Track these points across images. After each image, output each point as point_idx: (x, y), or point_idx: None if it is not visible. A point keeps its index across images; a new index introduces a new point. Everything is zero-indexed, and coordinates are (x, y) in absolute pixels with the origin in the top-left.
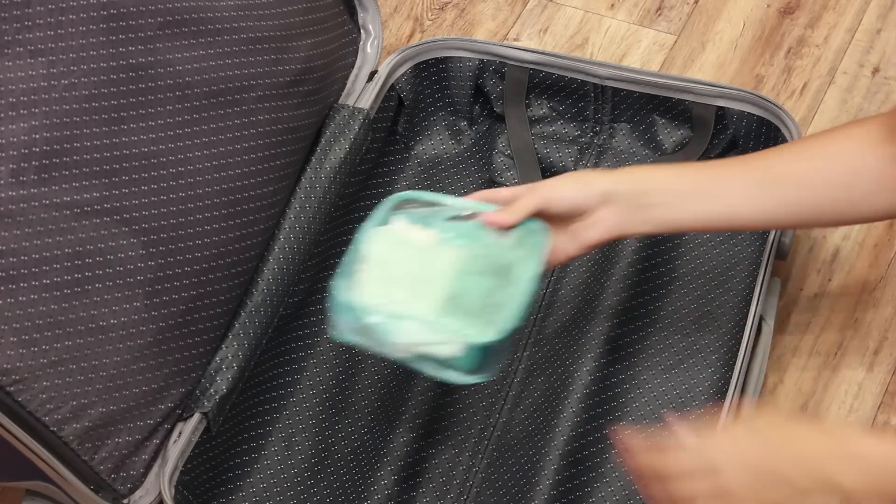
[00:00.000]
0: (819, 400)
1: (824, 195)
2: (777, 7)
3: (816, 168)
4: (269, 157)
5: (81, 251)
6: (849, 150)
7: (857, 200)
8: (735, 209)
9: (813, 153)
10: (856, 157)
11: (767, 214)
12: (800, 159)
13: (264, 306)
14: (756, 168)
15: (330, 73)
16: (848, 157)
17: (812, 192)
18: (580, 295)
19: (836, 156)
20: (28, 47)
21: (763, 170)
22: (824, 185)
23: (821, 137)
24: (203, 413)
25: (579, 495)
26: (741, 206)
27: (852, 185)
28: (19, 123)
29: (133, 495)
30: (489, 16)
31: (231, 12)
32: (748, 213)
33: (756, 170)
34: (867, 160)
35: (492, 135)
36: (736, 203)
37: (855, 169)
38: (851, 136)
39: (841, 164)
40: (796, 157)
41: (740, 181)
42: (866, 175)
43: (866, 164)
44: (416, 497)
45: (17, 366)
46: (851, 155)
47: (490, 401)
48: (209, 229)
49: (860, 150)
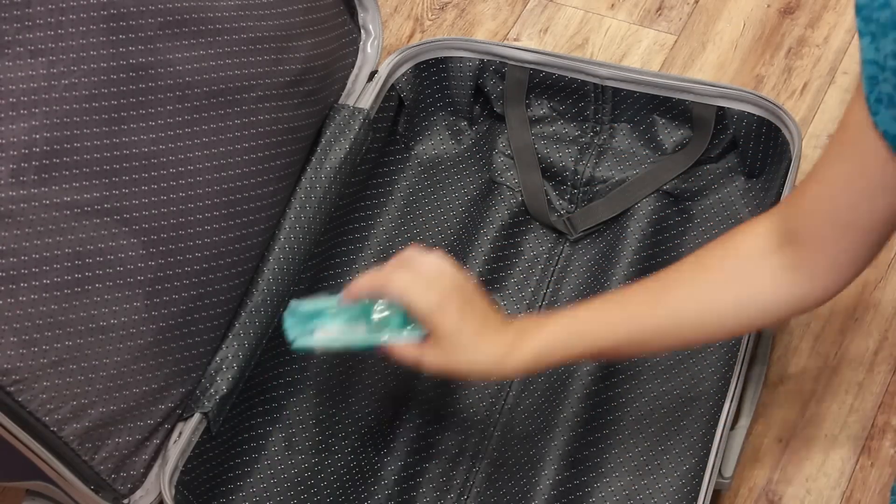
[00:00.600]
0: (819, 400)
1: (725, 320)
2: (777, 7)
3: (713, 300)
4: (269, 157)
5: (81, 251)
6: (742, 273)
7: (755, 317)
8: (643, 348)
9: (707, 284)
10: (750, 279)
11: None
12: (695, 294)
13: (264, 306)
14: (657, 311)
15: (330, 73)
16: (743, 282)
17: (714, 318)
18: (580, 295)
19: (729, 283)
20: (28, 47)
21: (663, 308)
22: (722, 313)
23: (711, 264)
24: (203, 413)
25: (579, 495)
26: (649, 343)
27: (750, 305)
28: (19, 123)
29: (133, 495)
30: (489, 16)
31: (231, 12)
32: (659, 347)
33: (655, 317)
34: (764, 280)
35: (492, 135)
36: (644, 340)
37: (751, 292)
38: (741, 254)
39: (736, 289)
40: (692, 294)
41: (640, 323)
42: (761, 294)
43: (763, 283)
44: (416, 497)
45: (17, 366)
46: (746, 279)
47: (490, 401)
48: (209, 229)
49: (753, 269)
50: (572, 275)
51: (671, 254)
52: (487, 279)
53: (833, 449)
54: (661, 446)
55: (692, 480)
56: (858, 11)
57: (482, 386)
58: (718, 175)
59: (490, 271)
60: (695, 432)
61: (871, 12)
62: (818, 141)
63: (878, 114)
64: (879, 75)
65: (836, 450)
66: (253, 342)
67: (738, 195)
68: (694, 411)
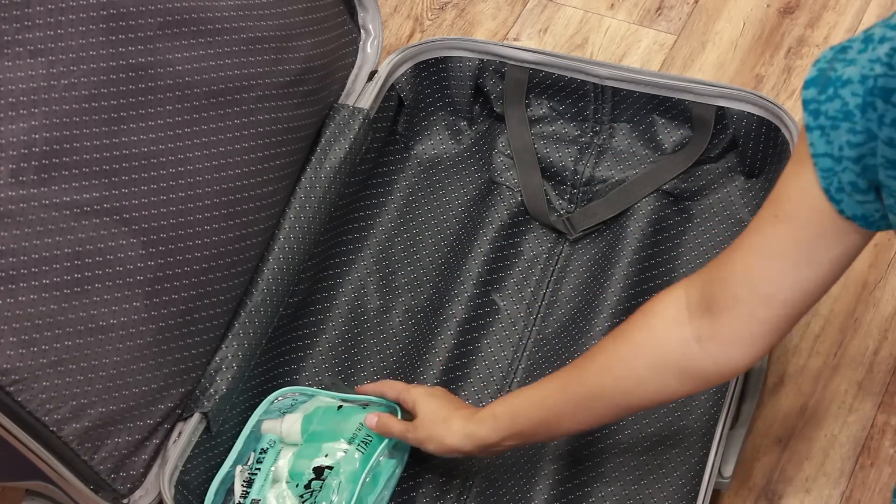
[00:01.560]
0: (819, 400)
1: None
2: (777, 7)
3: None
4: (269, 157)
5: (81, 251)
6: (654, 344)
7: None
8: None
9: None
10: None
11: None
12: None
13: (264, 306)
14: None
15: (330, 73)
16: (655, 352)
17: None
18: (580, 295)
19: (642, 351)
20: (28, 47)
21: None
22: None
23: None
24: (203, 413)
25: (579, 495)
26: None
27: (666, 372)
28: (19, 123)
29: (133, 495)
30: (489, 15)
31: (231, 12)
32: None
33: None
34: (674, 349)
35: (492, 135)
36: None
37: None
38: (654, 325)
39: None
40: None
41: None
42: (675, 363)
43: (674, 352)
44: (416, 497)
45: (17, 366)
46: (658, 349)
47: (490, 401)
48: (209, 229)
49: (665, 338)
50: (572, 275)
51: (671, 253)
52: (487, 279)
53: (833, 449)
54: (661, 446)
55: (692, 480)
56: (805, 106)
57: (482, 386)
58: (718, 175)
59: (490, 271)
60: (695, 432)
61: (819, 105)
62: None
63: (843, 201)
64: (836, 167)
65: (836, 450)
66: (253, 342)
67: (737, 195)
68: (694, 411)
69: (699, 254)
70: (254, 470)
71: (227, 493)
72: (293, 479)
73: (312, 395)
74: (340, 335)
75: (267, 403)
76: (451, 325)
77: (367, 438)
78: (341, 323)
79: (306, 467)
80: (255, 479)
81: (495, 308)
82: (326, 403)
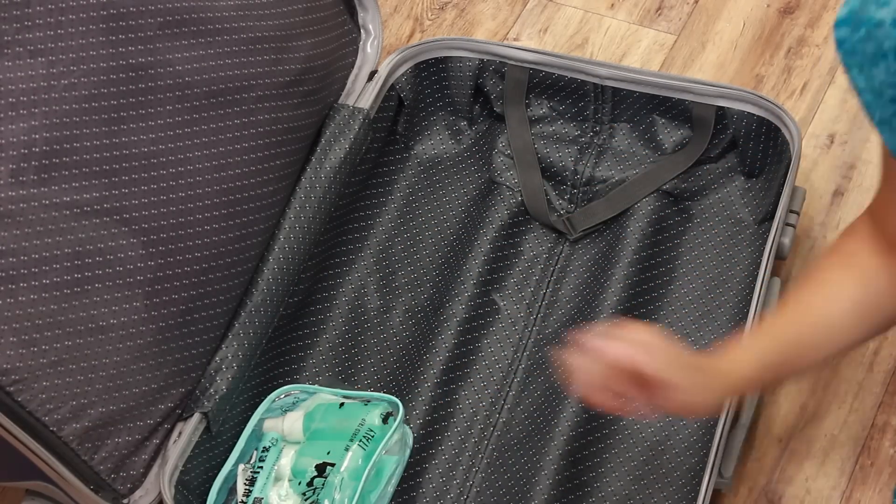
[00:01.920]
0: (819, 399)
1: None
2: (777, 7)
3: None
4: (269, 157)
5: (81, 251)
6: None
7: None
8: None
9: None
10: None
11: None
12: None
13: (264, 306)
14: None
15: (330, 73)
16: (867, 286)
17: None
18: (580, 295)
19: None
20: (28, 47)
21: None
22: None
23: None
24: (203, 413)
25: (579, 495)
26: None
27: (879, 305)
28: (19, 123)
29: (133, 495)
30: (489, 16)
31: (231, 12)
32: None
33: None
34: (881, 281)
35: (492, 135)
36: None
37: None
38: (852, 266)
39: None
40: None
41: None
42: (886, 292)
43: (881, 284)
44: (416, 497)
45: (17, 366)
46: (869, 283)
47: (490, 401)
48: (209, 229)
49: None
50: (572, 275)
51: (671, 253)
52: (487, 279)
53: (833, 449)
54: (661, 446)
55: (692, 480)
56: (840, 45)
57: (482, 386)
58: (718, 175)
59: (490, 271)
60: (695, 432)
61: (854, 45)
62: (818, 141)
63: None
64: (877, 101)
65: (836, 450)
66: (253, 342)
67: (737, 195)
68: None
69: (699, 254)
70: (256, 468)
71: (230, 492)
72: (296, 476)
73: (314, 393)
74: (340, 335)
75: (268, 401)
76: (452, 324)
77: (368, 435)
78: (341, 323)
79: (309, 465)
80: (258, 477)
81: (495, 308)
82: (328, 401)
